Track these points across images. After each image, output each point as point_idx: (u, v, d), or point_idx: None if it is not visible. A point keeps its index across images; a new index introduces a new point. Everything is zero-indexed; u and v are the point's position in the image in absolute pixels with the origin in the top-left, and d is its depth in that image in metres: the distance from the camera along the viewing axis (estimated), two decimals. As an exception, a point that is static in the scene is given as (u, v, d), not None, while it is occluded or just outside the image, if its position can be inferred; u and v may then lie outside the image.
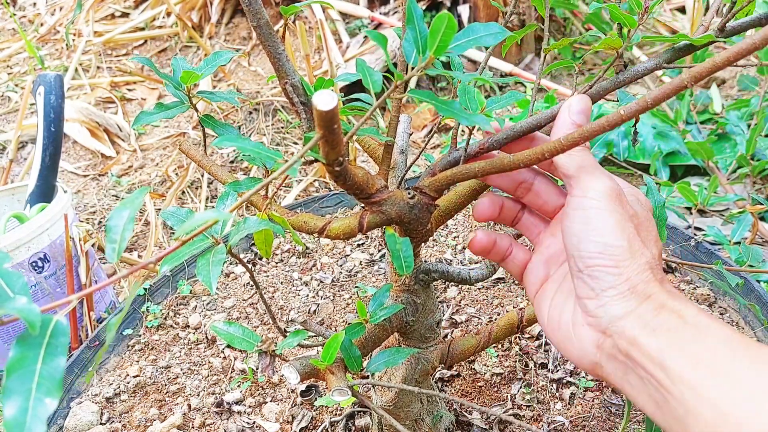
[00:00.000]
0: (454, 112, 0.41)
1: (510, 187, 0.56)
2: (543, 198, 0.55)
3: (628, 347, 0.43)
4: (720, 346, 0.40)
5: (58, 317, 0.31)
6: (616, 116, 0.41)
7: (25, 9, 2.89)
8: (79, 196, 1.86)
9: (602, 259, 0.45)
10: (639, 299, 0.44)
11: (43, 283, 1.19)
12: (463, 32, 0.45)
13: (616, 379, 0.46)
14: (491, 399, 0.98)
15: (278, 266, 1.32)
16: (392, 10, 2.32)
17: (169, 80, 0.58)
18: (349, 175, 0.49)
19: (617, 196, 0.47)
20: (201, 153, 0.68)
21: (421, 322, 0.71)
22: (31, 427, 0.27)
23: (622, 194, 0.47)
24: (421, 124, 2.12)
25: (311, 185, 1.80)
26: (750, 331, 1.05)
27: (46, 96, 1.27)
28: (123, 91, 2.30)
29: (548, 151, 0.45)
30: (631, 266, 0.44)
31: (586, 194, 0.47)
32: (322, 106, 0.37)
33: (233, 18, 2.60)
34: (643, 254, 0.45)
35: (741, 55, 0.36)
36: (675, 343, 0.41)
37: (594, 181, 0.47)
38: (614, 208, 0.46)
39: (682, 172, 1.72)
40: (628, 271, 0.44)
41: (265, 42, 0.49)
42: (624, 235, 0.45)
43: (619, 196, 0.47)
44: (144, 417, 1.00)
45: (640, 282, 0.44)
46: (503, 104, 0.56)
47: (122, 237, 0.33)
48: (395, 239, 0.53)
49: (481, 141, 0.54)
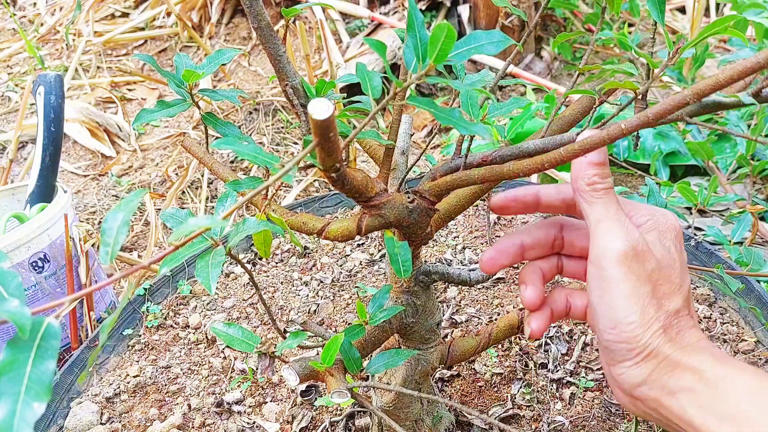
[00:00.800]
0: (454, 121, 0.41)
1: (545, 251, 0.55)
2: (578, 245, 0.55)
3: (656, 406, 0.45)
4: (743, 400, 0.41)
5: (50, 320, 0.31)
6: (617, 129, 0.41)
7: (25, 9, 2.88)
8: (79, 196, 1.86)
9: (615, 335, 0.46)
10: (653, 364, 0.45)
11: (43, 283, 1.19)
12: (465, 40, 0.44)
13: (660, 424, 0.47)
14: (491, 399, 0.98)
15: (278, 266, 1.32)
16: (392, 10, 2.32)
17: (171, 78, 0.58)
18: (347, 180, 0.49)
19: (634, 255, 0.45)
20: (203, 150, 0.68)
21: (421, 324, 0.71)
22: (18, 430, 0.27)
23: (640, 249, 0.46)
24: (422, 124, 2.12)
25: (311, 185, 1.80)
26: (750, 331, 1.05)
27: (46, 96, 1.27)
28: (123, 91, 2.30)
29: (547, 161, 0.45)
30: (643, 338, 0.45)
31: (600, 262, 0.46)
32: (317, 115, 0.36)
33: (233, 18, 2.60)
34: (658, 319, 0.45)
35: (746, 73, 0.35)
36: (696, 402, 0.42)
37: (610, 242, 0.46)
38: (628, 274, 0.45)
39: (682, 172, 1.72)
40: (642, 344, 0.45)
41: (266, 43, 0.49)
42: (637, 306, 0.45)
43: (636, 255, 0.45)
44: (144, 417, 1.00)
45: (653, 347, 0.45)
46: (505, 111, 0.56)
47: (116, 240, 0.33)
48: (394, 243, 0.53)
49: (485, 153, 0.54)
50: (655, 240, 0.48)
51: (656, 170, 1.68)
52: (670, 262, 0.47)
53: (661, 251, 0.47)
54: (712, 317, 1.09)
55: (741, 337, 1.05)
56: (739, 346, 1.03)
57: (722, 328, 1.06)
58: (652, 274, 0.46)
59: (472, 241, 1.34)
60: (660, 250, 0.47)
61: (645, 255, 0.46)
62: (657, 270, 0.46)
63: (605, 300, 0.46)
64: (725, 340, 1.04)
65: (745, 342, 1.03)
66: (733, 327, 1.07)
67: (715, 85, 0.37)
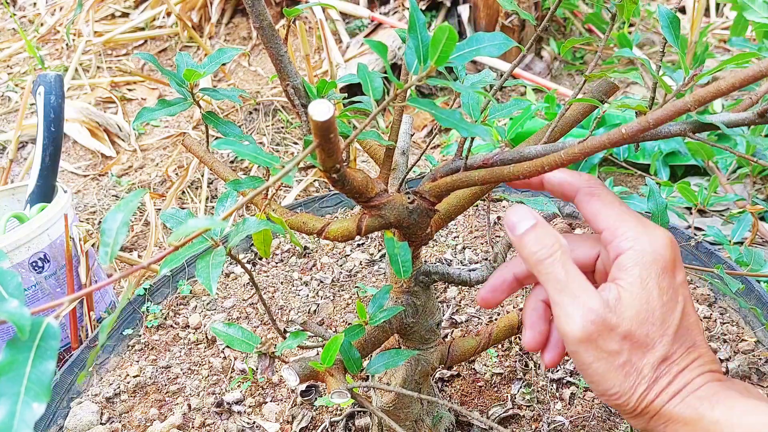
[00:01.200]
0: (454, 122, 0.41)
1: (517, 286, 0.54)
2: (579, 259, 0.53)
3: None
4: None
5: (49, 320, 0.31)
6: (618, 135, 0.41)
7: (25, 9, 2.88)
8: (79, 196, 1.86)
9: (606, 401, 0.46)
10: (646, 420, 0.45)
11: (43, 283, 1.19)
12: (466, 42, 0.44)
13: None
14: (491, 399, 0.98)
15: (278, 266, 1.32)
16: (392, 10, 2.32)
17: (172, 77, 0.58)
18: (347, 180, 0.49)
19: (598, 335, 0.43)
20: (203, 149, 0.68)
21: (421, 324, 0.71)
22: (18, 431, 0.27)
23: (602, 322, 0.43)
24: (422, 124, 2.12)
25: (311, 185, 1.80)
26: (750, 331, 1.05)
27: (46, 96, 1.27)
28: (123, 91, 2.30)
29: (548, 164, 0.45)
30: (630, 402, 0.44)
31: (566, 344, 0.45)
32: (318, 117, 0.36)
33: (233, 18, 2.60)
34: (642, 379, 0.44)
35: (747, 81, 0.35)
36: None
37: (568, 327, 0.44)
38: (596, 353, 0.44)
39: (682, 172, 1.72)
40: (631, 407, 0.45)
41: (268, 43, 0.49)
42: (616, 379, 0.44)
43: (600, 331, 0.43)
44: (144, 417, 1.00)
45: (644, 406, 0.45)
46: (506, 113, 0.56)
47: (115, 240, 0.33)
48: (394, 243, 0.53)
49: (486, 155, 0.54)
50: (635, 283, 0.43)
51: (656, 170, 1.68)
52: (647, 314, 0.43)
53: (638, 300, 0.43)
54: (712, 317, 1.09)
55: (741, 337, 1.05)
56: (739, 346, 1.03)
57: (722, 328, 1.06)
58: (625, 339, 0.43)
59: (472, 241, 1.34)
60: (637, 299, 0.43)
61: (610, 326, 0.43)
62: (630, 332, 0.43)
63: (585, 374, 0.45)
64: (725, 340, 1.04)
65: (745, 342, 1.03)
66: (733, 327, 1.07)
67: (716, 93, 0.37)
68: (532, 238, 0.46)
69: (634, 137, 0.41)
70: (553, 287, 0.45)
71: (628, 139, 0.41)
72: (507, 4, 0.56)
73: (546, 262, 0.45)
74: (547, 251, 0.45)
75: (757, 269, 0.84)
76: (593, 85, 0.62)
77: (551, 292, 0.45)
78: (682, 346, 0.45)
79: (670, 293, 0.44)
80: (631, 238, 0.45)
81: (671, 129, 0.48)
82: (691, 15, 1.94)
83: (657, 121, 0.40)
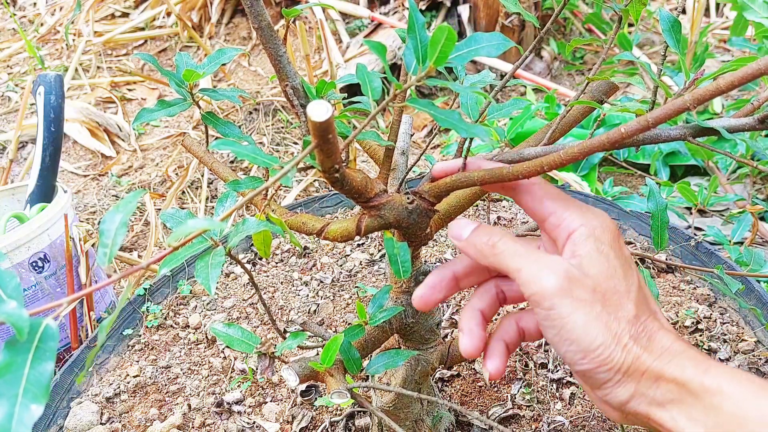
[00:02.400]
0: (453, 123, 0.41)
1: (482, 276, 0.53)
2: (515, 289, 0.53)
3: (647, 420, 0.44)
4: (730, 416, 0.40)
5: (47, 321, 0.31)
6: (617, 134, 0.41)
7: (25, 9, 2.89)
8: (79, 196, 1.86)
9: (588, 364, 0.44)
10: (635, 378, 0.43)
11: (43, 283, 1.19)
12: (465, 42, 0.44)
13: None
14: (491, 399, 0.98)
15: (278, 266, 1.32)
16: (392, 10, 2.32)
17: (172, 77, 0.58)
18: (346, 181, 0.49)
19: (570, 284, 0.44)
20: (203, 150, 0.68)
21: (421, 324, 0.71)
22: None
23: (572, 275, 0.44)
24: (422, 124, 2.12)
25: (311, 185, 1.80)
26: (750, 331, 1.05)
27: (46, 96, 1.27)
28: (123, 91, 2.30)
29: (547, 164, 0.45)
30: (617, 355, 0.43)
31: (542, 303, 0.44)
32: (316, 117, 0.36)
33: (233, 18, 2.60)
34: (624, 331, 0.43)
35: (746, 79, 0.35)
36: (684, 413, 0.42)
37: (542, 282, 0.44)
38: (575, 302, 0.43)
39: (682, 172, 1.72)
40: (618, 362, 0.43)
41: (267, 44, 0.49)
42: (598, 327, 0.43)
43: (571, 282, 0.44)
44: (144, 417, 1.00)
45: (630, 361, 0.43)
46: (505, 113, 0.56)
47: (114, 241, 0.33)
48: (393, 244, 0.53)
49: (487, 156, 0.54)
50: (592, 251, 0.45)
51: (656, 170, 1.68)
52: (610, 272, 0.45)
53: (599, 263, 0.45)
54: (712, 317, 1.09)
55: (741, 337, 1.05)
56: (739, 346, 1.03)
57: (722, 328, 1.06)
58: (596, 291, 0.44)
59: (472, 241, 1.34)
60: (597, 262, 0.45)
61: (579, 279, 0.44)
62: (598, 285, 0.44)
63: (564, 336, 0.44)
64: (725, 340, 1.04)
65: (745, 342, 1.03)
66: (733, 327, 1.07)
67: (715, 91, 0.37)
68: (478, 233, 0.48)
69: (633, 136, 0.41)
70: (512, 259, 0.46)
71: (626, 137, 0.41)
72: (511, 6, 0.56)
73: (500, 243, 0.47)
74: (497, 236, 0.48)
75: (757, 269, 0.84)
76: (593, 85, 0.62)
77: (512, 263, 0.46)
78: (647, 310, 0.45)
79: (624, 258, 0.46)
80: (580, 216, 0.47)
81: (671, 133, 0.49)
82: (691, 15, 1.94)
83: (656, 121, 0.40)
